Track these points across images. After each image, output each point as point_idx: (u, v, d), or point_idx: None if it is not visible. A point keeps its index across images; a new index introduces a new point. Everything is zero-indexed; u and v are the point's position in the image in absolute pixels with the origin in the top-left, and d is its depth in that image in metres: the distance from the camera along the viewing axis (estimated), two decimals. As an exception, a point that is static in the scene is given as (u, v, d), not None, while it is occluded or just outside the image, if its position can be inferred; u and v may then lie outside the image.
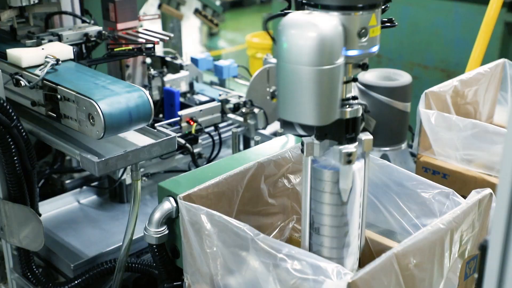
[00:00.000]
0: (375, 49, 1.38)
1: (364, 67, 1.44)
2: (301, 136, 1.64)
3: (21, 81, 1.87)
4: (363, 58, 1.41)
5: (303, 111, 1.32)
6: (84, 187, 2.64)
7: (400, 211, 1.73)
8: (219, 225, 1.46)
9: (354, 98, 1.42)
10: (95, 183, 2.67)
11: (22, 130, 1.88)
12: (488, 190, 1.54)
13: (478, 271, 0.96)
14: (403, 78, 2.59)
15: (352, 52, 1.35)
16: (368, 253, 1.77)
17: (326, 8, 1.32)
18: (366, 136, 1.46)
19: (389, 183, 1.75)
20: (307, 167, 1.46)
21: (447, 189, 1.63)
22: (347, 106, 1.39)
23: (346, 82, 1.40)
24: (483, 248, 0.95)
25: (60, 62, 1.94)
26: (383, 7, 1.40)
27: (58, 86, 1.82)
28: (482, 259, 0.95)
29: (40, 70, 1.89)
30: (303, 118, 1.33)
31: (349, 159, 1.40)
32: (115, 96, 1.76)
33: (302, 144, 1.45)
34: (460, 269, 1.50)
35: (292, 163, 1.84)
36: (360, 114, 1.42)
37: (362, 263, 1.78)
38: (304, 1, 1.36)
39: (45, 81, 1.86)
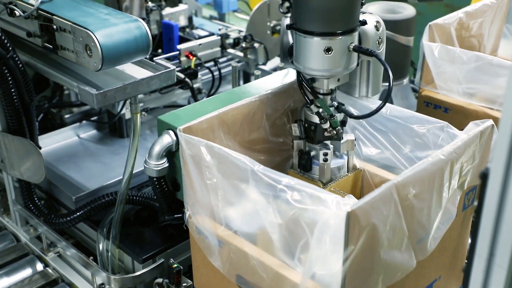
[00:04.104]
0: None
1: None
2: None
3: (15, 11, 1.82)
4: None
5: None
6: (84, 122, 2.63)
7: (395, 146, 1.74)
8: (219, 157, 1.46)
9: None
10: (94, 118, 2.66)
11: (19, 62, 1.85)
12: (489, 122, 1.53)
13: (478, 199, 0.96)
14: (407, 11, 2.53)
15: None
16: (367, 186, 1.78)
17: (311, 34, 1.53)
18: (349, 137, 1.72)
19: (383, 120, 1.75)
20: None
21: (442, 122, 1.64)
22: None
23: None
24: (484, 176, 0.95)
25: (55, -9, 1.89)
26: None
27: (54, 16, 1.77)
28: (483, 187, 0.95)
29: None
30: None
31: (325, 158, 1.68)
32: (113, 26, 1.72)
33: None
34: (459, 200, 1.51)
35: (293, 100, 1.83)
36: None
37: (362, 194, 1.80)
38: (292, 25, 1.58)
39: (40, 11, 1.81)
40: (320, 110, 1.65)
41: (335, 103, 1.67)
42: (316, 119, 1.67)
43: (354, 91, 1.76)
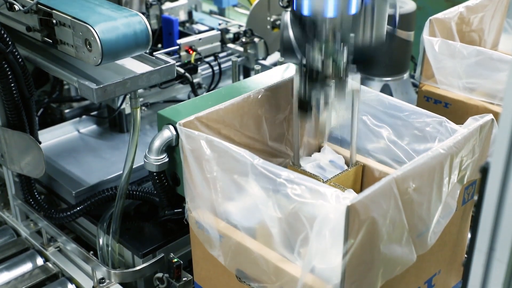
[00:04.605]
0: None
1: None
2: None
3: (15, 5, 1.82)
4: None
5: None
6: (84, 117, 2.63)
7: (395, 140, 1.73)
8: (219, 151, 1.46)
9: None
10: (94, 113, 2.66)
11: (18, 56, 1.85)
12: (489, 116, 1.53)
13: (478, 193, 0.96)
14: (407, 5, 2.53)
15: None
16: (368, 180, 1.78)
17: None
18: (354, 86, 1.67)
19: (380, 114, 1.74)
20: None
21: (440, 116, 1.64)
22: None
23: None
24: (484, 170, 0.95)
25: (54, -14, 1.88)
26: None
27: (53, 11, 1.77)
28: (483, 181, 0.95)
29: (34, -6, 1.83)
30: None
31: (326, 100, 1.63)
32: (112, 21, 1.71)
33: None
34: (459, 194, 1.51)
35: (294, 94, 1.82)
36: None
37: (362, 189, 1.80)
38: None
39: (39, 5, 1.81)
40: (323, 51, 1.59)
41: (337, 46, 1.61)
42: (318, 61, 1.60)
43: (357, 36, 1.69)
